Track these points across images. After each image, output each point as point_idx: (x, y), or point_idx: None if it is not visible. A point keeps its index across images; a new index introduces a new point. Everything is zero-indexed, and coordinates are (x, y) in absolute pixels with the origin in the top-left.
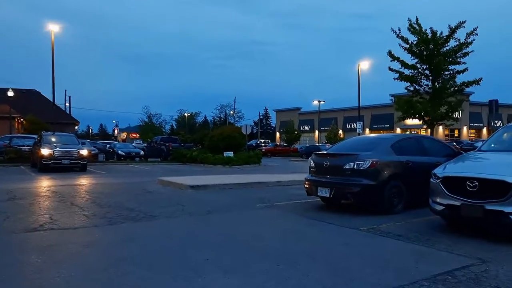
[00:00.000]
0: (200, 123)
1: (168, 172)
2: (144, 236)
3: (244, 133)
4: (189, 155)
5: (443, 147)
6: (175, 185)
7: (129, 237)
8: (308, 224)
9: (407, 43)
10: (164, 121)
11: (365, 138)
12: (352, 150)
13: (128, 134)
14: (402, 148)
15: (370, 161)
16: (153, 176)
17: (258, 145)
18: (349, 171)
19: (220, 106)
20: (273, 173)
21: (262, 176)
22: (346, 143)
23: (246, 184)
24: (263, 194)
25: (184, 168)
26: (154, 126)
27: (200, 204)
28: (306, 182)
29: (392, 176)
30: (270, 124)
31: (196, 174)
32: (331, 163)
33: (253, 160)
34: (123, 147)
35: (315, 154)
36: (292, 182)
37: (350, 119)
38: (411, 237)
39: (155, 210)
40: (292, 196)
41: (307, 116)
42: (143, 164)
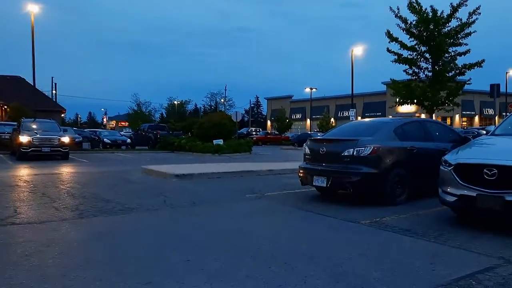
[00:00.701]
0: (191, 111)
1: (154, 161)
2: (117, 232)
3: (235, 121)
4: (177, 143)
5: (449, 132)
6: (159, 174)
7: (100, 234)
8: (303, 217)
9: (406, 23)
10: (154, 109)
11: (365, 122)
12: (351, 135)
13: (117, 123)
14: (405, 133)
15: (372, 147)
16: (137, 165)
17: (249, 133)
18: (348, 158)
19: (211, 94)
20: (264, 162)
21: (252, 164)
22: (345, 127)
23: (235, 173)
24: (254, 184)
25: (171, 156)
26: (144, 114)
27: (185, 195)
28: (300, 171)
29: (395, 163)
30: (261, 112)
31: (184, 163)
32: (328, 149)
33: (243, 148)
34: (109, 135)
35: (310, 140)
36: (284, 171)
37: (342, 107)
38: (420, 232)
39: (134, 202)
40: (285, 185)
41: (299, 104)
42: (130, 153)
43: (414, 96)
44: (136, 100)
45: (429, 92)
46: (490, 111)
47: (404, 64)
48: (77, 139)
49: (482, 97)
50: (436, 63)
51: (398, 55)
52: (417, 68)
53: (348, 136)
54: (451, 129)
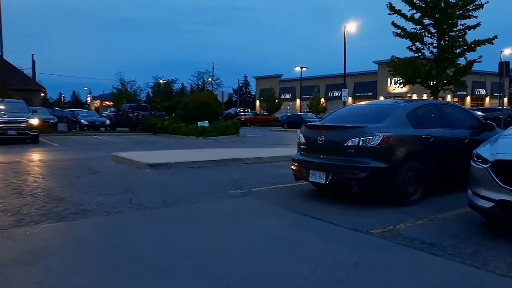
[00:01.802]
0: (177, 90)
1: (132, 145)
2: (58, 248)
3: (221, 101)
4: (159, 124)
5: (468, 116)
6: (131, 162)
7: (35, 251)
8: (298, 224)
9: None
10: (139, 88)
11: (371, 105)
12: (356, 121)
13: (101, 102)
14: (420, 118)
15: (381, 136)
16: (112, 150)
17: (237, 113)
18: (352, 149)
19: (198, 73)
20: (252, 146)
21: (239, 150)
22: (347, 111)
23: (219, 161)
24: (239, 175)
25: (152, 139)
26: (128, 94)
27: (156, 191)
28: (294, 163)
29: (409, 155)
30: (249, 92)
31: (164, 147)
32: (328, 138)
33: (230, 131)
34: (86, 116)
35: (306, 127)
36: (274, 158)
37: (332, 87)
38: (448, 247)
39: (93, 201)
40: (275, 177)
41: (288, 83)
42: (108, 135)
43: (419, 74)
44: (121, 78)
45: (435, 70)
46: (482, 91)
47: (407, 38)
48: (52, 120)
49: (474, 77)
50: (442, 38)
51: (402, 29)
52: (421, 43)
53: (352, 122)
54: (470, 112)
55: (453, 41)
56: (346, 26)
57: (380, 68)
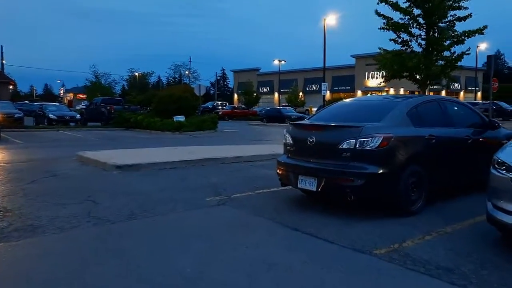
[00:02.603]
0: (153, 83)
1: (102, 141)
2: None
3: (198, 94)
4: (133, 119)
5: (470, 114)
6: (96, 163)
7: None
8: (288, 242)
9: None
10: (114, 81)
11: (366, 100)
12: (351, 120)
13: (75, 95)
14: (421, 116)
15: (381, 137)
16: (79, 147)
17: (215, 107)
18: (347, 152)
19: (175, 66)
20: (231, 143)
21: (217, 148)
22: (340, 108)
23: (195, 161)
24: (217, 178)
25: (124, 135)
26: (103, 86)
27: (122, 199)
28: (280, 167)
29: (411, 159)
30: (227, 85)
31: (136, 144)
32: (320, 139)
33: (207, 126)
34: (55, 110)
35: (293, 125)
36: (256, 157)
37: (310, 80)
38: (469, 273)
39: (45, 214)
40: (258, 180)
41: (267, 77)
42: (78, 130)
43: (407, 68)
44: (95, 71)
45: (423, 63)
46: (456, 85)
47: (394, 30)
48: (17, 114)
49: None
50: (431, 29)
51: (388, 19)
52: (408, 35)
53: (346, 120)
54: (473, 109)
55: (442, 33)
56: (326, 19)
57: (358, 62)
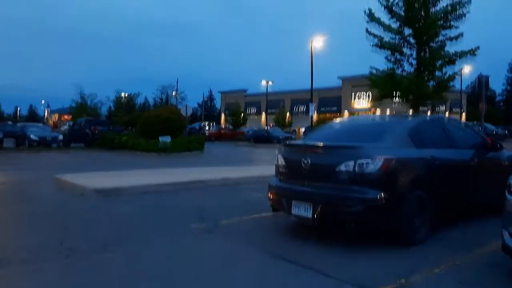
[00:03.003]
0: (140, 104)
1: (84, 163)
2: None
3: (185, 115)
4: (117, 140)
5: (472, 134)
6: (74, 187)
7: None
8: (284, 280)
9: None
10: (100, 102)
11: (364, 119)
12: (348, 140)
13: (60, 116)
14: (423, 137)
15: (382, 159)
16: (59, 170)
17: (202, 128)
18: (346, 175)
19: (162, 87)
20: (218, 164)
21: (203, 170)
22: (336, 127)
23: (180, 184)
24: (204, 202)
25: (108, 157)
26: (88, 107)
27: (99, 227)
28: (272, 192)
29: (414, 183)
30: (215, 106)
31: (119, 166)
32: (315, 161)
33: (194, 146)
34: (37, 131)
35: (286, 146)
36: (244, 180)
37: (297, 101)
38: None
39: (12, 244)
40: (247, 204)
41: (254, 98)
42: (60, 152)
43: (399, 88)
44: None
45: (415, 84)
46: (441, 107)
47: (386, 49)
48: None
49: None
50: (422, 49)
51: (380, 39)
52: (400, 54)
53: (343, 140)
54: (473, 129)
55: (434, 53)
56: (313, 41)
57: (344, 83)
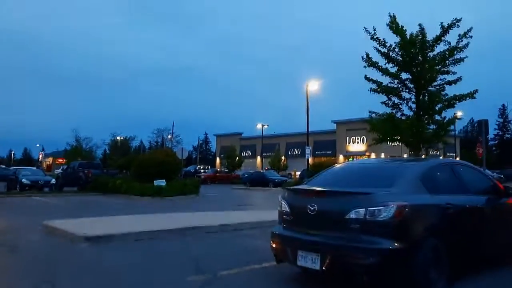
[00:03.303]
0: (136, 148)
1: (76, 208)
2: None
3: (180, 158)
4: (111, 183)
5: (485, 180)
6: (64, 234)
7: None
8: None
9: (385, 46)
10: (96, 145)
11: (371, 163)
12: (357, 184)
13: (54, 159)
14: (435, 182)
15: (395, 206)
16: (49, 215)
17: (197, 171)
18: (356, 223)
19: (157, 130)
20: (214, 209)
21: (200, 215)
22: (342, 171)
23: (176, 230)
24: (201, 251)
25: (101, 201)
26: (83, 151)
27: (87, 280)
28: (275, 240)
29: (428, 231)
30: (210, 149)
31: (112, 211)
32: (323, 207)
33: (189, 190)
34: (29, 175)
35: (290, 191)
36: (243, 225)
37: (292, 145)
38: None
39: None
40: (247, 253)
41: (249, 141)
42: (52, 196)
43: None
44: (76, 135)
45: (415, 127)
46: (435, 151)
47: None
48: None
49: None
50: (421, 93)
51: (378, 84)
52: (399, 99)
53: (352, 185)
54: (484, 173)
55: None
56: (308, 85)
57: (339, 127)
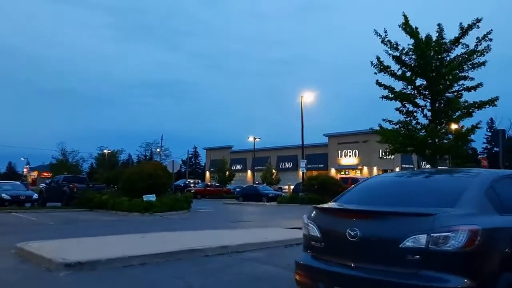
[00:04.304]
0: (123, 161)
1: (58, 226)
2: None
3: (171, 171)
4: (97, 199)
5: None
6: (40, 259)
7: None
8: None
9: (397, 49)
10: (82, 159)
11: (420, 174)
12: (408, 203)
13: (39, 173)
14: (502, 199)
15: (467, 231)
16: (28, 234)
17: (187, 185)
18: (415, 254)
19: (146, 144)
20: (210, 227)
21: (195, 234)
22: (382, 185)
23: (170, 254)
24: (200, 280)
25: (86, 218)
26: (70, 164)
27: None
28: (301, 273)
29: (503, 262)
30: (199, 163)
31: (98, 229)
32: (367, 233)
33: (180, 205)
34: (10, 189)
35: (320, 210)
36: (245, 247)
37: (283, 158)
38: None
39: None
40: (255, 281)
41: (239, 155)
42: (33, 212)
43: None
44: (62, 149)
45: (435, 136)
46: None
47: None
48: None
49: None
50: (436, 100)
51: (391, 89)
52: (413, 105)
53: (402, 204)
54: None
55: (450, 104)
56: (303, 97)
57: (331, 140)
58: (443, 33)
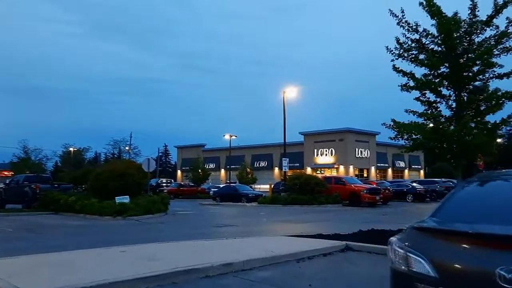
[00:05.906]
0: (90, 159)
1: (16, 234)
2: None
3: (146, 171)
4: (63, 200)
5: None
6: None
7: None
8: None
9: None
10: (46, 157)
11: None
12: None
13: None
14: None
15: None
16: None
17: (159, 185)
18: None
19: (114, 141)
20: (195, 234)
21: (184, 246)
22: (503, 194)
23: (161, 277)
24: None
25: (50, 223)
26: (32, 163)
27: None
28: None
29: None
30: (169, 161)
31: (63, 239)
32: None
33: (157, 208)
34: None
35: (429, 232)
36: (251, 263)
37: (258, 157)
38: None
39: None
40: None
41: (212, 153)
42: None
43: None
44: (24, 146)
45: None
46: (401, 163)
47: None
48: None
49: (393, 149)
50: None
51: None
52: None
53: None
54: None
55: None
56: (285, 92)
57: (307, 139)
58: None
